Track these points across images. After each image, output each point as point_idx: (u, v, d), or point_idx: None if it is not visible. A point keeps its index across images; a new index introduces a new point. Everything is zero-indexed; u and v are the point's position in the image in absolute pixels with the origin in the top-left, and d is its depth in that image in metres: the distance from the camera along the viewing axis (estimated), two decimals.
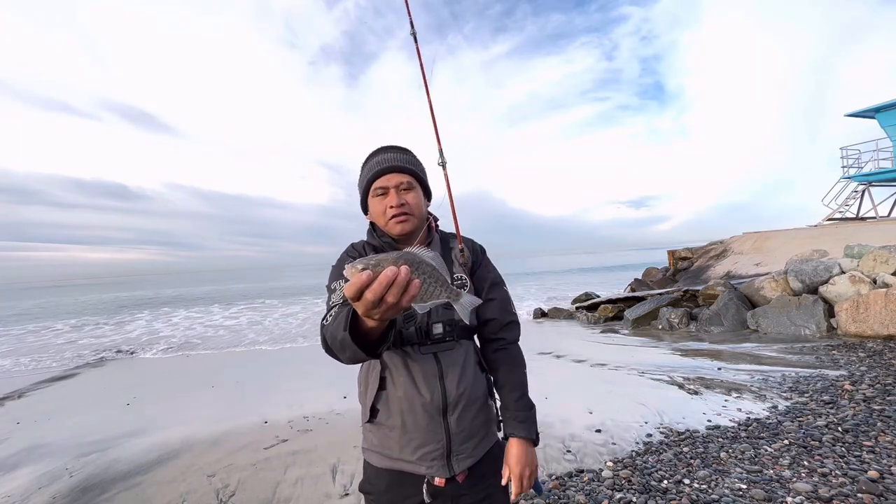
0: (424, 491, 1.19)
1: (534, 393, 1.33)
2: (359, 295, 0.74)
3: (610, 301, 11.32)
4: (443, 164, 1.37)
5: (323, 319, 1.11)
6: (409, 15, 1.46)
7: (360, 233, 1.39)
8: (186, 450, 3.76)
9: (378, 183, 1.26)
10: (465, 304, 0.92)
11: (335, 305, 1.13)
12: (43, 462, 3.69)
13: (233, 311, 18.68)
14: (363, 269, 0.75)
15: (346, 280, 0.80)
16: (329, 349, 1.06)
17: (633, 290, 14.09)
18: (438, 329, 1.21)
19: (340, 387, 5.14)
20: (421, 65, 1.42)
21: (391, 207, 1.24)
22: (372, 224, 1.34)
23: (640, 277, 16.20)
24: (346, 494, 2.92)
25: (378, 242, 1.30)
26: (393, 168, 1.26)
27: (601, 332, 8.99)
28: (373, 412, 1.23)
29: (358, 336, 0.93)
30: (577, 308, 12.16)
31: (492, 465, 1.26)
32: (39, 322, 18.47)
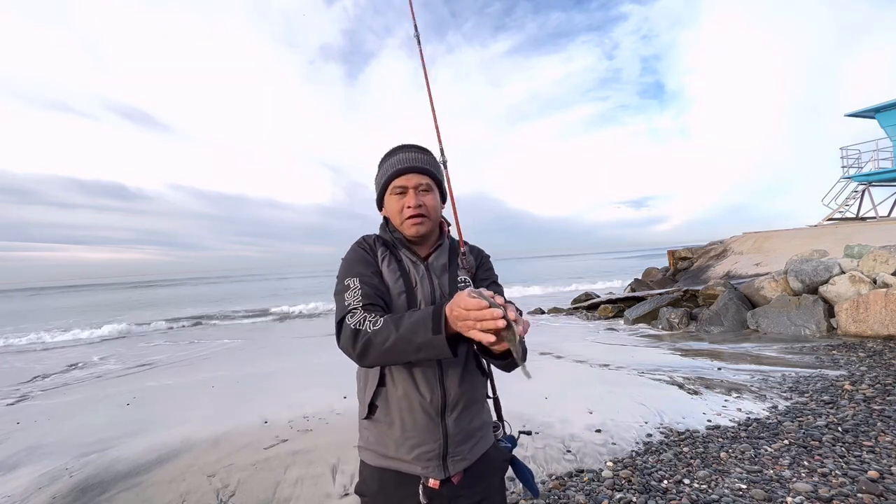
0: (420, 492, 1.17)
1: (534, 393, 1.33)
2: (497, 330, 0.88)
3: (610, 301, 11.33)
4: (444, 163, 1.36)
5: (346, 319, 1.10)
6: (413, 17, 1.45)
7: (359, 232, 1.39)
8: (186, 450, 3.76)
9: (397, 182, 1.26)
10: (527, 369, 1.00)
11: (355, 309, 1.12)
12: (43, 462, 3.69)
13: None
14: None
15: (356, 281, 1.18)
16: (367, 351, 1.05)
17: (633, 290, 14.10)
18: None
19: (340, 387, 5.13)
20: (424, 68, 1.42)
21: (408, 208, 1.24)
22: (386, 219, 1.34)
23: (640, 277, 16.20)
24: (346, 494, 2.92)
25: (390, 238, 1.31)
26: (413, 168, 1.26)
27: (601, 332, 8.98)
28: (371, 409, 1.22)
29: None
30: (576, 308, 12.17)
31: (487, 468, 1.26)
32: None
